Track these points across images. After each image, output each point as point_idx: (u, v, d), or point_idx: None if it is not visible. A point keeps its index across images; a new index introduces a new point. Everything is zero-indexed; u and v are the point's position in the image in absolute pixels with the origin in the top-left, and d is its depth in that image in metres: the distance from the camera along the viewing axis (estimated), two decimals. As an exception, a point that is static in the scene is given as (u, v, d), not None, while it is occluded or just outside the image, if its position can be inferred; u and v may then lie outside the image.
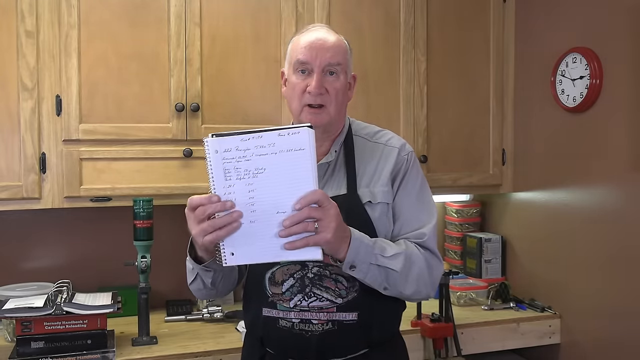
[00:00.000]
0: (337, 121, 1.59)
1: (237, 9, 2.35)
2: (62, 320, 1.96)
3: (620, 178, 2.28)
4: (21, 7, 2.10)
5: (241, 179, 1.25)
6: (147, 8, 2.24)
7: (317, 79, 1.51)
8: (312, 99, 1.52)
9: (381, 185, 1.56)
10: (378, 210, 1.54)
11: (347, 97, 1.61)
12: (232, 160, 1.25)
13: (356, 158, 1.60)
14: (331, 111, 1.53)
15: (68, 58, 2.15)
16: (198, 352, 2.07)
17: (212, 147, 1.24)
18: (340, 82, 1.54)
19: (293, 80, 1.55)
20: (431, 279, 1.54)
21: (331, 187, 1.56)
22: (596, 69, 2.34)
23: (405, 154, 1.61)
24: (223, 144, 1.24)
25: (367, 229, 1.49)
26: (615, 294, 2.31)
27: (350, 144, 1.62)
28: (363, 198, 1.54)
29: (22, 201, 2.14)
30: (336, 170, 1.59)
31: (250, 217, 1.26)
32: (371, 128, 1.68)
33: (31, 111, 2.12)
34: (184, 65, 2.28)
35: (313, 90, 1.50)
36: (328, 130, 1.59)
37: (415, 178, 1.61)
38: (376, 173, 1.58)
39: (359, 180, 1.57)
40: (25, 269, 2.46)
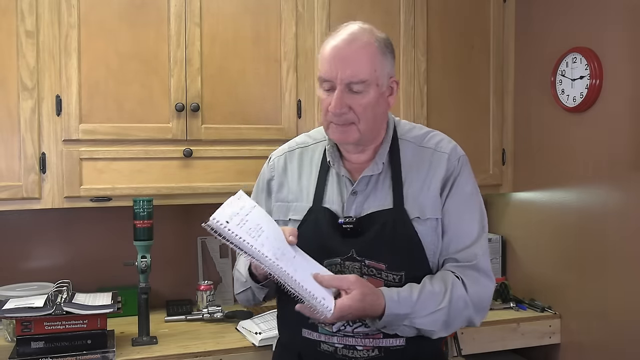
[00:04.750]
0: (373, 133, 1.46)
1: (237, 9, 2.35)
2: (62, 320, 1.96)
3: (620, 178, 2.28)
4: (21, 7, 2.10)
5: (259, 235, 1.30)
6: (147, 8, 2.24)
7: (337, 97, 1.38)
8: (334, 118, 1.40)
9: (430, 197, 1.44)
10: (427, 227, 1.43)
11: (383, 107, 1.45)
12: (242, 224, 1.29)
13: (403, 166, 1.47)
14: (361, 128, 1.41)
15: (68, 58, 2.15)
16: (198, 352, 2.07)
17: (222, 219, 1.27)
18: (369, 97, 1.39)
19: (319, 94, 1.45)
20: (480, 309, 1.45)
21: (375, 200, 1.45)
22: (596, 69, 2.34)
23: (456, 159, 1.49)
24: (224, 215, 1.28)
25: (414, 248, 1.42)
26: (615, 294, 2.31)
27: (396, 151, 1.49)
28: (411, 213, 1.43)
29: (22, 201, 2.14)
30: (380, 180, 1.47)
31: (293, 264, 1.31)
32: (418, 129, 1.55)
33: (31, 111, 2.12)
34: (184, 65, 2.28)
35: (333, 110, 1.39)
36: (363, 143, 1.47)
37: (464, 186, 1.47)
38: (425, 183, 1.45)
39: (406, 191, 1.44)
40: (25, 269, 2.46)
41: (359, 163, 1.51)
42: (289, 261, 1.29)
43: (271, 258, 1.27)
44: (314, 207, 1.50)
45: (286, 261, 1.29)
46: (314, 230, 1.46)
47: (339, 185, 1.51)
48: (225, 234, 1.25)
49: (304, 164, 1.58)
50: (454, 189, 1.46)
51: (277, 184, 1.59)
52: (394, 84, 1.47)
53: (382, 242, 1.42)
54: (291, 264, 1.29)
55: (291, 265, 1.29)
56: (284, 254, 1.30)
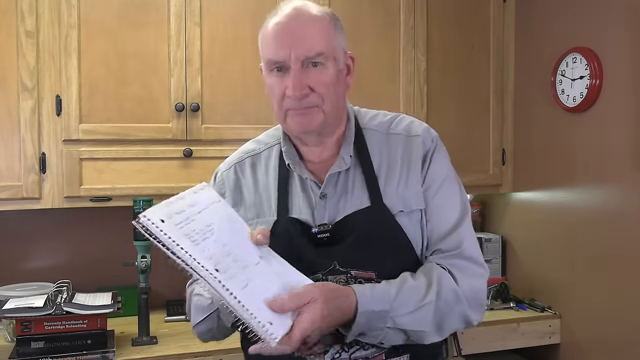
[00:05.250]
0: (335, 119, 1.28)
1: (237, 9, 2.35)
2: (62, 320, 1.96)
3: (620, 178, 2.28)
4: (21, 7, 2.10)
5: (205, 238, 1.06)
6: (147, 8, 2.24)
7: (294, 78, 1.19)
8: (294, 103, 1.21)
9: (413, 186, 1.27)
10: (413, 220, 1.26)
11: (343, 85, 1.28)
12: (182, 224, 1.05)
13: (373, 157, 1.29)
14: (325, 109, 1.23)
15: (68, 58, 2.15)
16: (198, 352, 2.07)
17: (157, 217, 1.02)
18: (329, 72, 1.22)
19: (270, 82, 1.25)
20: (476, 304, 1.25)
21: (350, 201, 1.26)
22: (596, 69, 2.34)
23: (430, 139, 1.31)
24: (162, 212, 1.05)
25: (403, 247, 1.25)
26: (615, 294, 2.31)
27: (361, 142, 1.31)
28: (393, 208, 1.25)
29: (22, 201, 2.14)
30: (351, 178, 1.28)
31: (246, 274, 1.07)
32: (381, 116, 1.36)
33: (31, 111, 2.12)
34: (184, 65, 2.28)
35: (292, 94, 1.19)
36: (325, 132, 1.28)
37: (441, 167, 1.30)
38: (402, 173, 1.28)
39: (382, 185, 1.27)
40: (25, 269, 2.46)
41: (322, 162, 1.31)
42: (238, 272, 1.05)
43: (208, 268, 1.01)
44: (280, 220, 1.28)
45: (232, 272, 1.04)
46: (285, 246, 1.22)
47: (305, 190, 1.30)
48: (158, 235, 1.01)
49: (258, 174, 1.36)
50: (430, 171, 1.28)
51: (231, 202, 1.33)
52: (350, 61, 1.30)
53: (366, 246, 1.23)
54: (240, 276, 1.05)
55: (238, 278, 1.04)
56: (236, 262, 1.06)
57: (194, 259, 1.01)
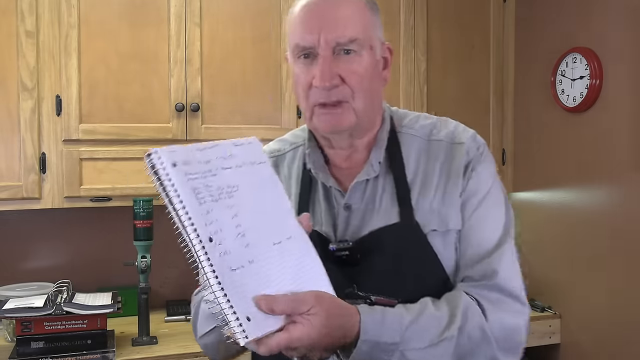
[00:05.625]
0: (369, 118, 1.12)
1: (237, 9, 2.35)
2: (62, 320, 1.96)
3: (620, 178, 2.28)
4: (21, 7, 2.10)
5: (217, 200, 0.89)
6: (147, 8, 2.24)
7: (323, 66, 1.04)
8: (322, 95, 1.06)
9: (450, 202, 1.09)
10: (448, 242, 1.08)
11: (379, 80, 1.12)
12: (198, 176, 0.88)
13: (408, 166, 1.12)
14: (357, 106, 1.07)
15: (68, 58, 2.15)
16: (198, 352, 2.07)
17: (168, 160, 0.86)
18: (364, 62, 1.06)
19: (296, 71, 1.10)
20: (509, 347, 1.07)
21: (376, 215, 1.10)
22: (596, 69, 2.34)
23: (476, 148, 1.14)
24: (180, 155, 0.88)
25: (434, 272, 1.08)
26: (615, 294, 2.31)
27: (395, 147, 1.14)
28: (425, 226, 1.08)
29: (22, 201, 2.14)
30: (380, 188, 1.12)
31: (247, 254, 0.90)
32: (424, 119, 1.18)
33: (31, 111, 2.12)
34: (184, 65, 2.28)
35: (319, 84, 1.04)
36: (357, 134, 1.12)
37: (485, 180, 1.12)
38: (439, 185, 1.10)
39: (415, 198, 1.09)
40: (25, 269, 2.46)
41: (350, 167, 1.15)
42: (238, 250, 0.88)
43: (200, 233, 0.85)
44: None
45: (230, 248, 0.87)
46: None
47: (327, 199, 1.15)
48: (162, 176, 0.86)
49: (280, 177, 1.17)
50: (471, 184, 1.10)
51: None
52: (387, 53, 1.15)
53: (391, 269, 1.08)
54: (238, 256, 0.88)
55: (234, 257, 0.87)
56: (243, 237, 0.89)
57: (189, 217, 0.85)
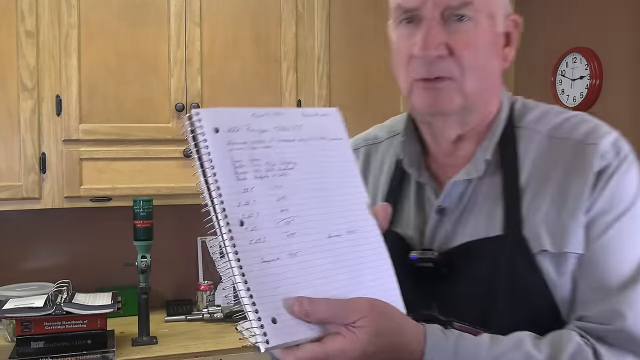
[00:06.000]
0: (481, 104, 0.91)
1: (237, 9, 2.35)
2: (62, 320, 1.96)
3: (620, 178, 2.28)
4: (21, 7, 2.10)
5: (262, 177, 0.75)
6: (147, 8, 2.24)
7: (428, 31, 0.84)
8: (423, 67, 0.86)
9: (570, 216, 0.85)
10: (563, 267, 0.84)
11: (498, 58, 0.91)
12: (244, 147, 0.74)
13: (522, 167, 0.90)
14: (464, 86, 0.86)
15: (68, 58, 2.15)
16: (198, 352, 2.07)
17: (209, 124, 0.73)
18: (480, 32, 0.86)
19: (395, 39, 0.91)
20: None
21: (474, 223, 0.90)
22: (596, 69, 2.34)
23: (615, 154, 0.88)
24: (227, 120, 0.75)
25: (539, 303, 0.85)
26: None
27: (511, 144, 0.92)
28: (535, 244, 0.85)
29: (22, 201, 2.14)
30: (482, 191, 0.91)
31: (290, 245, 0.74)
32: (553, 114, 0.94)
33: (31, 111, 2.12)
34: (184, 65, 2.28)
35: (420, 53, 0.84)
36: (465, 121, 0.91)
37: (624, 192, 0.86)
38: (561, 195, 0.86)
39: (526, 207, 0.87)
40: (25, 269, 2.46)
41: (452, 162, 0.94)
42: (276, 238, 0.73)
43: (228, 214, 0.71)
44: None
45: (265, 235, 0.72)
46: None
47: (419, 198, 0.97)
48: (199, 142, 0.73)
49: (371, 168, 1.05)
50: (604, 197, 0.85)
51: None
52: (512, 27, 0.91)
53: (484, 292, 0.87)
54: (276, 245, 0.73)
55: (270, 247, 0.73)
56: (287, 225, 0.74)
57: (219, 194, 0.71)
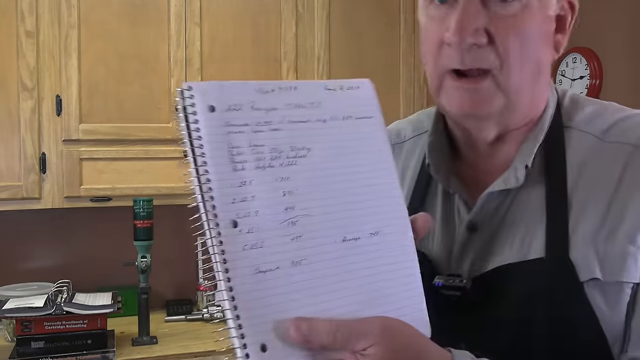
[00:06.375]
0: (527, 103, 0.75)
1: (237, 9, 2.35)
2: (62, 320, 1.96)
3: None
4: (21, 7, 2.10)
5: (266, 167, 0.60)
6: (147, 8, 2.24)
7: (463, 12, 0.69)
8: (456, 57, 0.71)
9: (629, 240, 0.70)
10: (616, 298, 0.70)
11: (547, 47, 0.75)
12: (245, 129, 0.60)
13: (570, 176, 0.75)
14: (507, 82, 0.71)
15: (68, 58, 2.15)
16: (198, 352, 2.07)
17: (204, 101, 0.59)
18: (527, 16, 0.70)
19: (424, 22, 0.76)
20: None
21: (509, 243, 0.75)
22: (596, 69, 2.34)
23: None
24: (227, 96, 0.60)
25: (586, 337, 0.70)
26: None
27: (557, 148, 0.77)
28: (583, 271, 0.70)
29: (22, 201, 2.14)
30: (523, 204, 0.76)
31: (294, 251, 0.60)
32: (610, 113, 0.79)
33: (31, 111, 2.12)
34: (184, 65, 2.28)
35: (454, 38, 0.70)
36: (505, 120, 0.75)
37: None
38: (613, 209, 0.71)
39: (573, 225, 0.72)
40: (25, 269, 2.46)
41: (489, 169, 0.79)
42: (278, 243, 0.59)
43: (218, 212, 0.57)
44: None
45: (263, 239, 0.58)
46: None
47: (447, 212, 0.82)
48: (189, 122, 0.59)
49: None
50: None
51: None
52: (567, 9, 0.76)
53: (520, 325, 0.72)
54: (278, 252, 0.59)
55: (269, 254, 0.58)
56: (292, 226, 0.60)
57: (209, 187, 0.57)
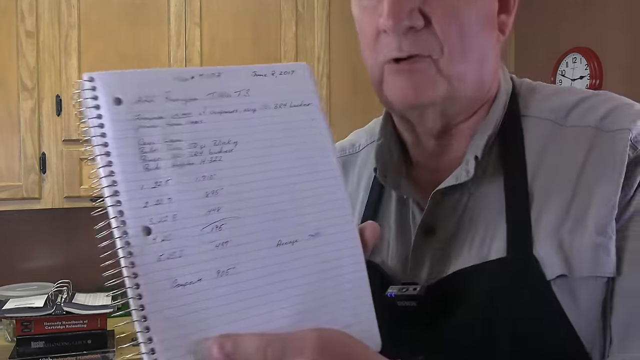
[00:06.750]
0: (473, 90, 0.69)
1: (237, 9, 2.35)
2: (62, 320, 1.96)
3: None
4: (21, 7, 2.10)
5: (184, 164, 0.52)
6: (147, 8, 2.24)
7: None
8: (392, 44, 0.65)
9: (598, 231, 0.62)
10: (587, 295, 0.62)
11: (491, 28, 0.70)
12: (159, 123, 0.53)
13: (529, 164, 0.68)
14: (448, 67, 0.65)
15: (68, 58, 2.15)
16: (198, 352, 2.07)
17: (108, 93, 0.55)
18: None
19: (357, 15, 0.75)
20: None
21: (469, 245, 0.67)
22: (596, 69, 2.34)
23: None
24: (136, 86, 0.56)
25: (558, 344, 0.62)
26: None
27: (515, 139, 0.70)
28: (549, 268, 0.62)
29: (22, 201, 2.14)
30: (481, 201, 0.68)
31: (219, 259, 0.51)
32: (566, 94, 0.72)
33: (31, 111, 2.12)
34: (184, 66, 2.28)
35: (387, 23, 0.63)
36: (448, 110, 0.68)
37: None
38: (578, 199, 0.64)
39: (535, 217, 0.64)
40: (25, 269, 2.46)
41: (443, 168, 0.71)
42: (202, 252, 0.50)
43: (127, 218, 0.51)
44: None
45: (182, 247, 0.50)
46: None
47: (402, 217, 0.74)
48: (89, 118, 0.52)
49: (347, 184, 0.77)
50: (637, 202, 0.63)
51: None
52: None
53: (484, 335, 0.64)
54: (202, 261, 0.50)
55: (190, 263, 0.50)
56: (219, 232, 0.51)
57: (116, 191, 0.50)
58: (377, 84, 0.70)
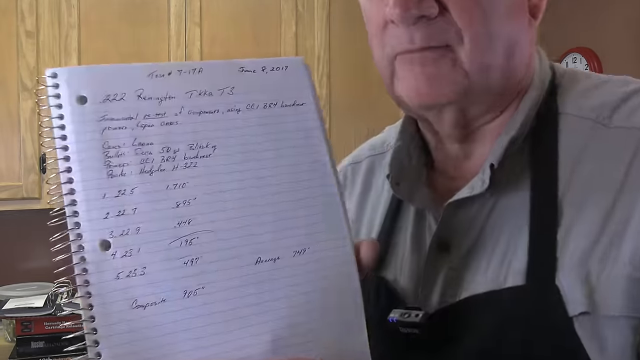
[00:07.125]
0: (501, 85, 0.59)
1: (237, 9, 2.35)
2: (62, 320, 1.96)
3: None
4: (21, 7, 2.10)
5: (153, 171, 0.48)
6: (147, 8, 2.24)
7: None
8: (403, 34, 0.58)
9: (630, 259, 0.52)
10: (615, 337, 0.51)
11: (522, 13, 0.60)
12: (127, 124, 0.48)
13: (564, 179, 0.57)
14: (468, 59, 0.57)
15: (68, 58, 2.15)
16: (198, 352, 2.07)
17: (72, 90, 0.51)
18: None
19: (363, 3, 0.64)
20: None
21: (485, 266, 0.58)
22: (596, 69, 2.34)
23: None
24: (104, 83, 0.50)
25: None
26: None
27: (547, 138, 0.59)
28: (573, 302, 0.52)
29: (22, 201, 2.14)
30: (501, 215, 0.59)
31: (187, 278, 0.47)
32: (611, 87, 0.62)
33: (31, 111, 2.12)
34: (184, 65, 2.28)
35: (394, 11, 0.56)
36: (476, 112, 0.61)
37: None
38: (613, 219, 0.53)
39: (563, 242, 0.54)
40: (25, 269, 2.46)
41: (463, 178, 0.62)
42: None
43: (84, 231, 0.51)
44: (366, 277, 0.57)
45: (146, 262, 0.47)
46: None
47: (418, 230, 0.66)
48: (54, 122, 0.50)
49: (372, 185, 0.74)
50: None
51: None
52: None
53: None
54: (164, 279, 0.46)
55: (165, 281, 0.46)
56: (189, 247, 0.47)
57: (73, 200, 0.50)
58: (388, 81, 0.63)
